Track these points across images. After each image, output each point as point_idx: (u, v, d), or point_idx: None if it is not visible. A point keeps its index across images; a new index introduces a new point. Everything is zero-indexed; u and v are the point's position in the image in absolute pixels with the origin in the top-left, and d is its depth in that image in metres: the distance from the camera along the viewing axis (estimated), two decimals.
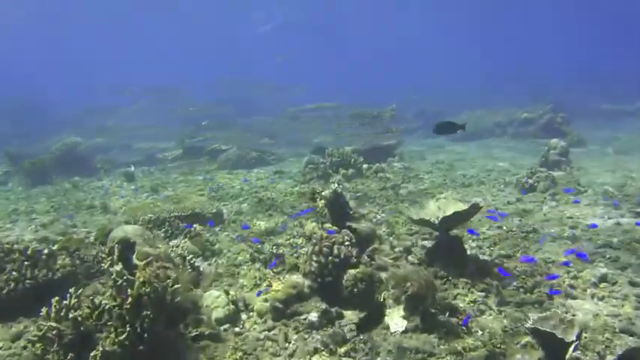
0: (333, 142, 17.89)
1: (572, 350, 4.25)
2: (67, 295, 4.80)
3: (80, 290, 5.13)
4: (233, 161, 18.98)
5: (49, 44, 68.39)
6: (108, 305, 4.67)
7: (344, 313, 5.63)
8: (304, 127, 22.54)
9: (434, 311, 5.23)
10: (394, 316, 5.30)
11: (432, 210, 6.84)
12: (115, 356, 4.32)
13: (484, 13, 69.82)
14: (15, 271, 6.05)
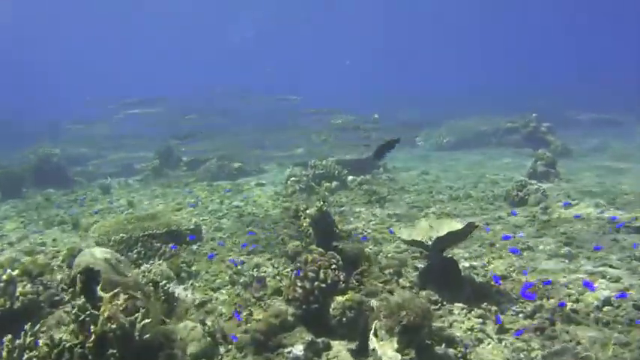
0: (316, 152, 17.46)
1: None
2: (22, 333, 4.30)
3: (38, 326, 4.61)
4: (213, 173, 18.42)
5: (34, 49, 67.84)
6: (69, 343, 4.16)
7: (331, 343, 5.18)
8: (294, 136, 21.91)
9: (430, 342, 4.79)
10: (387, 350, 4.84)
11: (423, 229, 6.41)
12: None
13: (474, 19, 70.44)
14: None
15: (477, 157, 21.81)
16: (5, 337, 4.24)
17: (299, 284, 5.63)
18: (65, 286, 5.25)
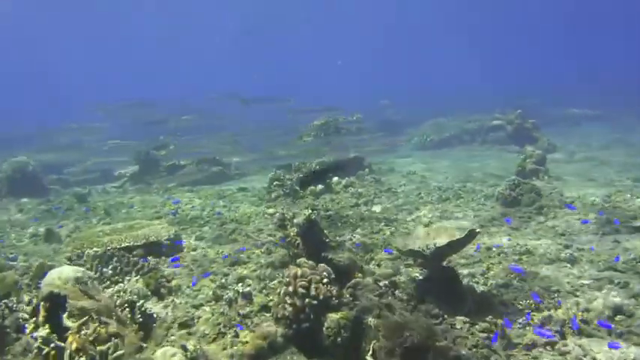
0: (299, 155, 17.01)
1: None
2: None
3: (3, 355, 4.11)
4: (193, 177, 17.87)
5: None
6: None
7: None
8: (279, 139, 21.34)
9: None
10: None
11: (420, 237, 6.00)
12: None
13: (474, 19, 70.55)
14: None
15: (463, 155, 21.56)
16: None
17: (288, 301, 5.17)
18: (27, 315, 4.74)
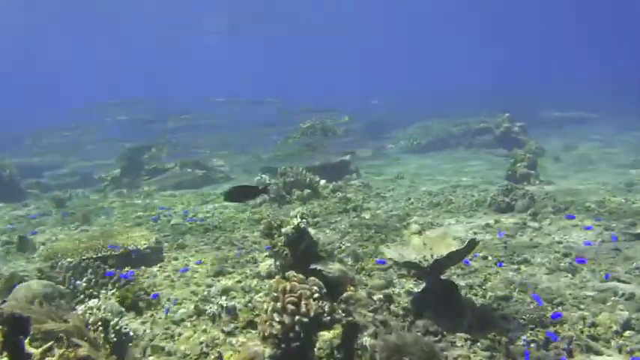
0: (284, 158, 16.55)
1: None
2: None
3: None
4: (176, 181, 17.37)
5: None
6: None
7: None
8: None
9: None
10: None
11: (416, 247, 5.63)
12: None
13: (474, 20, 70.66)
14: None
15: (450, 158, 21.30)
16: None
17: (276, 318, 4.77)
18: None
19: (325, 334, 4.66)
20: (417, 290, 6.12)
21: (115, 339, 4.82)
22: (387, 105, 36.24)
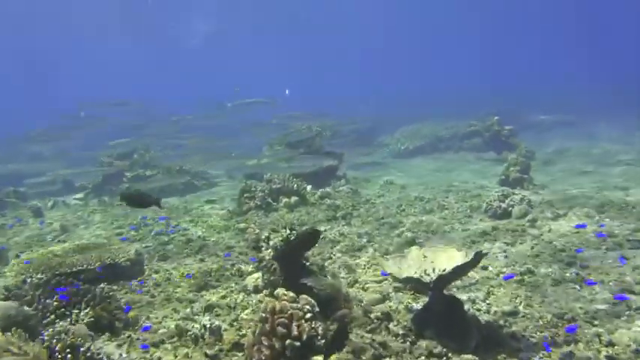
0: (268, 165, 16.02)
1: None
2: None
3: None
4: (159, 188, 16.81)
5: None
6: None
7: None
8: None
9: None
10: None
11: (415, 260, 5.20)
12: None
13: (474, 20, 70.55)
14: None
15: (440, 163, 20.91)
16: None
17: (265, 342, 4.32)
18: None
19: (319, 359, 4.22)
20: (416, 306, 5.70)
21: None
22: (379, 106, 35.90)
